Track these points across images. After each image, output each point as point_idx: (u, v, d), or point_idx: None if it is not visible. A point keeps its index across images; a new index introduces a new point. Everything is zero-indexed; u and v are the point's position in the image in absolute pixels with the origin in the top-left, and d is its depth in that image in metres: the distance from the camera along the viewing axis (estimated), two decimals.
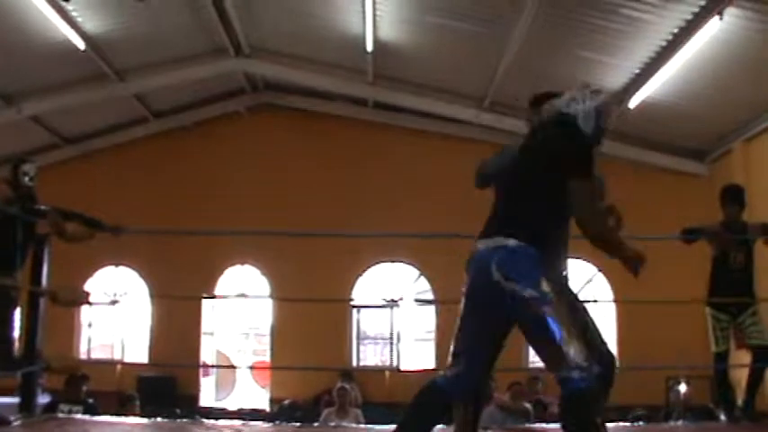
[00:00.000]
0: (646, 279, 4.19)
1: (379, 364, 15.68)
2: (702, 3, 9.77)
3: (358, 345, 15.47)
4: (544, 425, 7.47)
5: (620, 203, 14.49)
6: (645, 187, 14.37)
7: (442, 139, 15.19)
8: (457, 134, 15.12)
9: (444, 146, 15.12)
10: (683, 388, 12.49)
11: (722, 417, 7.30)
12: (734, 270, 7.04)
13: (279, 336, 15.04)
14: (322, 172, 15.14)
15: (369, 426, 8.27)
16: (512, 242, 3.59)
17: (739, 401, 7.08)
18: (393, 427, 3.79)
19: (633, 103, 12.64)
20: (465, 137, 15.03)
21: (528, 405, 9.35)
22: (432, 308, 15.34)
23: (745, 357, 7.11)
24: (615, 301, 14.17)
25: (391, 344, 15.42)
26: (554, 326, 3.41)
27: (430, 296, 15.23)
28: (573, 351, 3.38)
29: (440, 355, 14.69)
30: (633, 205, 13.41)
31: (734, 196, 7.29)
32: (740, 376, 7.28)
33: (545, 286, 3.47)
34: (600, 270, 14.15)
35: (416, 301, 15.56)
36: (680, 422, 10.03)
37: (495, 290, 3.52)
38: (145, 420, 7.34)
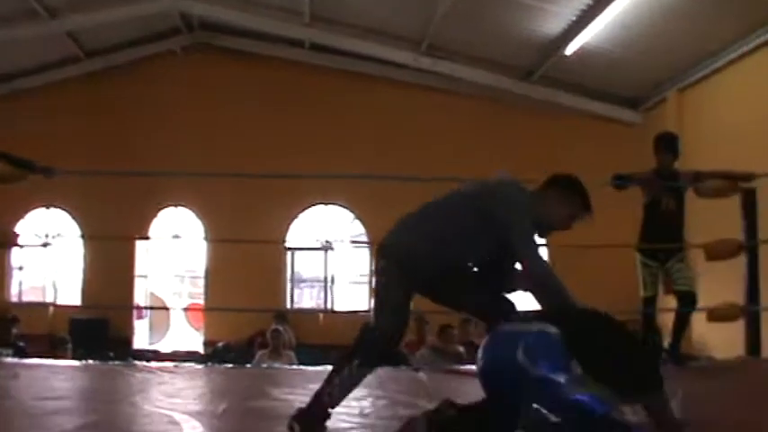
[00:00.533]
0: (579, 224, 4.26)
1: (314, 306, 15.74)
2: None
3: (292, 287, 15.49)
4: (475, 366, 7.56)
5: (556, 149, 14.73)
6: (579, 134, 14.57)
7: (379, 82, 15.11)
8: (394, 77, 15.07)
9: (381, 88, 15.08)
10: None
11: None
12: (665, 216, 7.13)
13: (213, 278, 14.99)
14: (257, 113, 14.97)
15: (301, 367, 8.34)
16: None
17: (665, 345, 7.26)
18: (326, 368, 3.84)
19: (570, 49, 12.71)
20: (402, 80, 15.03)
21: (460, 348, 9.47)
22: (366, 251, 15.38)
23: (672, 302, 7.27)
24: (547, 245, 14.36)
25: (325, 286, 15.47)
26: None
27: (364, 239, 15.26)
28: None
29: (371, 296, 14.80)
30: (567, 151, 13.92)
31: (667, 144, 7.37)
32: (667, 321, 7.45)
33: None
34: None
35: (351, 242, 15.59)
36: None
37: None
38: (76, 363, 7.29)
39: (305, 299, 15.96)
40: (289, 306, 15.23)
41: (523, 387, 3.47)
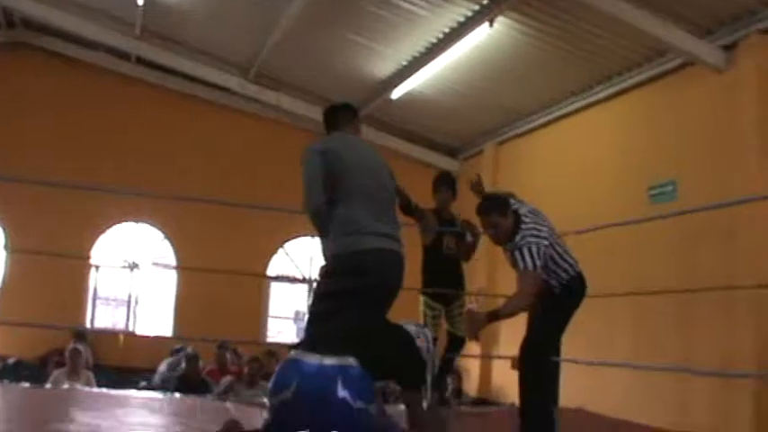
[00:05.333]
0: None
1: (114, 326, 15.18)
2: (476, 8, 10.20)
3: (94, 305, 14.90)
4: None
5: None
6: (400, 176, 14.78)
7: (204, 104, 14.92)
8: (219, 101, 14.92)
9: (205, 111, 14.90)
10: None
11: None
12: (447, 259, 7.35)
13: (9, 290, 14.17)
14: (73, 122, 14.34)
15: (104, 390, 8.05)
16: None
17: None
18: (125, 391, 3.80)
19: (397, 93, 12.97)
20: (227, 105, 14.92)
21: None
22: (173, 273, 15.02)
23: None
24: None
25: (128, 306, 14.97)
26: None
27: (173, 260, 14.91)
28: None
29: (177, 322, 14.49)
30: None
31: (446, 183, 7.59)
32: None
33: None
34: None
35: (156, 264, 15.17)
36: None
37: None
38: None
39: (104, 317, 15.36)
40: (88, 324, 14.61)
41: (344, 418, 3.68)
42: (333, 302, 4.28)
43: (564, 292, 5.59)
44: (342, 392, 3.70)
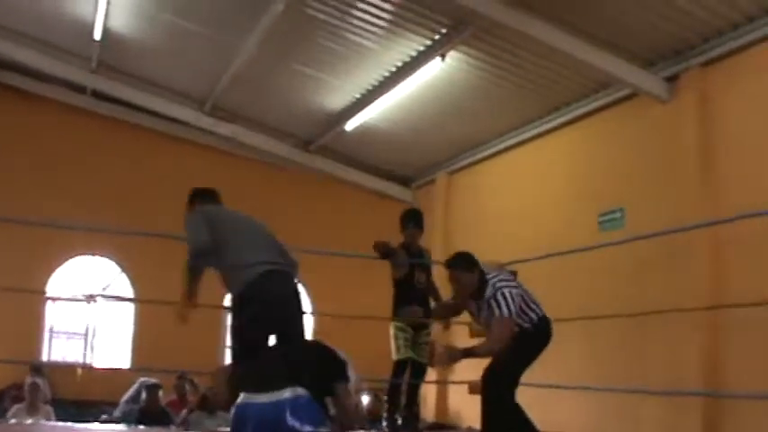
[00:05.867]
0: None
1: (71, 359, 15.09)
2: (428, 43, 10.49)
3: (50, 338, 14.82)
4: None
5: (330, 219, 15.15)
6: (354, 205, 15.13)
7: (160, 136, 15.02)
8: (176, 134, 15.05)
9: (160, 143, 15.01)
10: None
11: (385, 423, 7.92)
12: (418, 288, 7.74)
13: None
14: (26, 156, 14.31)
15: (66, 423, 8.09)
16: None
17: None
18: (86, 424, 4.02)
19: (351, 125, 13.21)
20: (183, 137, 15.03)
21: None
22: (131, 306, 15.02)
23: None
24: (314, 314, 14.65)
25: (86, 339, 14.93)
26: None
27: (130, 293, 14.92)
28: None
29: (136, 354, 14.49)
30: (342, 221, 14.38)
31: (414, 219, 7.97)
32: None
33: None
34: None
35: (112, 297, 15.17)
36: None
37: None
38: None
39: (61, 351, 15.27)
40: (45, 358, 14.53)
41: None
42: (248, 335, 5.09)
43: (534, 331, 5.91)
44: (291, 421, 4.09)
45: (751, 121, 8.76)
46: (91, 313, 14.85)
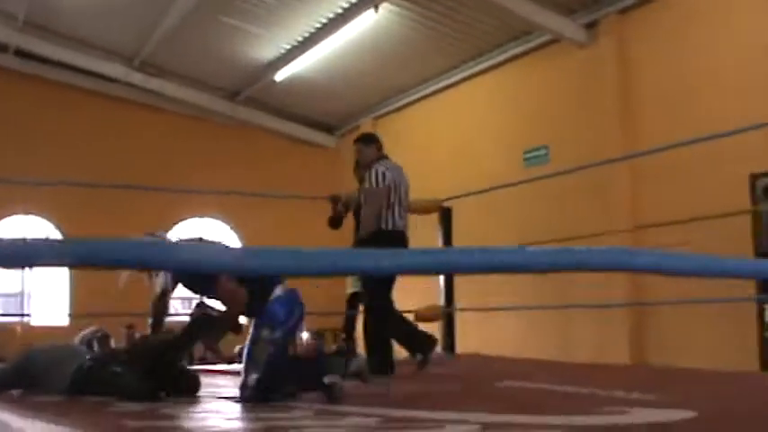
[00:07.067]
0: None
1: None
2: None
3: None
4: None
5: (259, 166, 15.64)
6: (280, 153, 15.64)
7: (86, 94, 15.15)
8: (103, 91, 15.22)
9: (87, 100, 15.17)
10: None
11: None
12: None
13: None
14: None
15: None
16: None
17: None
18: None
19: (280, 76, 13.66)
20: (111, 94, 15.22)
21: None
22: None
23: None
24: None
25: (22, 299, 15.03)
26: None
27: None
28: None
29: (73, 312, 14.57)
30: (270, 168, 14.86)
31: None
32: None
33: None
34: None
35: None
36: None
37: None
38: None
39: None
40: None
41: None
42: None
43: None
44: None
45: (665, 63, 9.67)
46: (26, 274, 14.98)
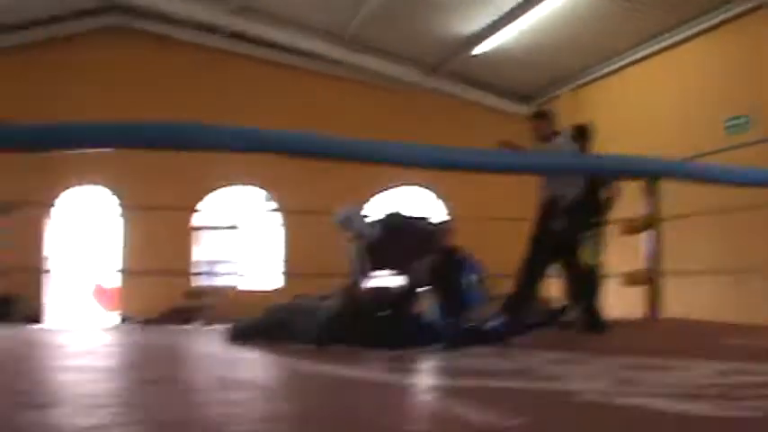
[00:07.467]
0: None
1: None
2: None
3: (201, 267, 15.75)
4: None
5: (456, 136, 15.75)
6: (477, 123, 15.72)
7: (294, 70, 15.92)
8: (308, 67, 15.92)
9: (295, 76, 15.89)
10: None
11: None
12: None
13: (131, 255, 15.20)
14: (170, 98, 14.79)
15: None
16: None
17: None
18: None
19: (480, 49, 13.85)
20: (315, 70, 15.92)
21: None
22: (281, 229, 15.98)
23: None
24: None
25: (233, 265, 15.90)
26: None
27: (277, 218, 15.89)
28: None
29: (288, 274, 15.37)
30: (467, 138, 14.88)
31: (581, 133, 8.44)
32: None
33: None
34: None
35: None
36: None
37: None
38: None
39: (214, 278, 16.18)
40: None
41: None
42: None
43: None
44: None
45: None
46: (238, 240, 15.81)
